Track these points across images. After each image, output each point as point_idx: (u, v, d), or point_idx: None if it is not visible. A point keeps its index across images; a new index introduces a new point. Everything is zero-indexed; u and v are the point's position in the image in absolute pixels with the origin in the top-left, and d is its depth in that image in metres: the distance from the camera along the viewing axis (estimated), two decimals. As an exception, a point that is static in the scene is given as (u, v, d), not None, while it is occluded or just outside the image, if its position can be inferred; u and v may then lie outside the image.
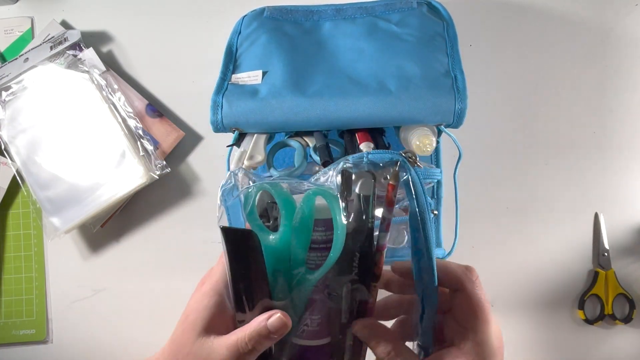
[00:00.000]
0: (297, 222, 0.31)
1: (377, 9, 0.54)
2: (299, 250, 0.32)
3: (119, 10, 0.66)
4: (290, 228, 0.32)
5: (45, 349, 0.62)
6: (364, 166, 0.32)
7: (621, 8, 0.62)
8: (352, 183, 0.32)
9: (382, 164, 0.32)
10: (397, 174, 0.32)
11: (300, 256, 0.32)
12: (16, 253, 0.63)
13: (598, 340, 0.57)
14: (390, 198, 0.32)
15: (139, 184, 0.58)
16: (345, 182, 0.32)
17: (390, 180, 0.32)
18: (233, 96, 0.47)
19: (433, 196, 0.56)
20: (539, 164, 0.60)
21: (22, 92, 0.62)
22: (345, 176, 0.32)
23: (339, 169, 0.32)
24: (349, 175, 0.32)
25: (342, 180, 0.32)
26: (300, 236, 0.31)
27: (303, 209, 0.31)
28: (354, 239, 0.32)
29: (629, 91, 0.60)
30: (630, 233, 0.59)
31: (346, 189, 0.32)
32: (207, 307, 0.33)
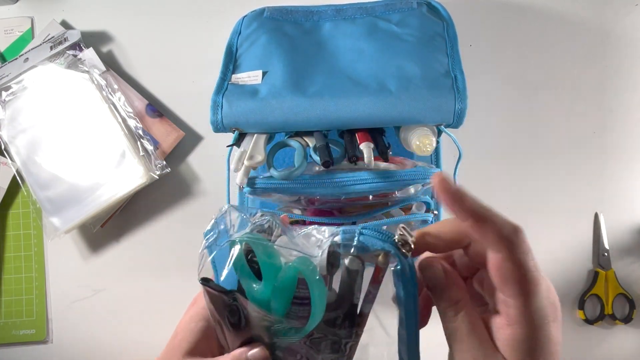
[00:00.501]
0: (277, 286, 0.31)
1: (377, 9, 0.54)
2: (279, 310, 0.31)
3: (119, 10, 0.66)
4: (270, 289, 0.31)
5: (45, 349, 0.62)
6: (353, 249, 0.30)
7: (621, 8, 0.62)
8: (338, 263, 0.31)
9: (372, 249, 0.30)
10: (387, 261, 0.31)
11: (279, 313, 0.31)
12: (16, 253, 0.63)
13: (598, 340, 0.57)
14: (377, 277, 0.32)
15: (139, 184, 0.58)
16: (331, 262, 0.31)
17: (378, 264, 0.31)
18: (233, 96, 0.47)
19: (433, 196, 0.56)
20: (539, 163, 0.60)
21: (22, 92, 0.62)
22: (331, 256, 0.31)
23: (326, 246, 0.31)
24: (335, 255, 0.31)
25: (327, 260, 0.31)
26: (279, 300, 0.31)
27: (284, 278, 0.30)
28: (337, 306, 0.32)
29: (629, 91, 0.60)
30: (630, 233, 0.59)
31: (331, 269, 0.31)
32: (193, 331, 0.34)
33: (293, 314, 0.31)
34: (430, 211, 0.51)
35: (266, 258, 0.31)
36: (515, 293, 0.27)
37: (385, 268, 0.31)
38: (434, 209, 0.52)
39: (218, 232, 0.33)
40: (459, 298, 0.30)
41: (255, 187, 0.46)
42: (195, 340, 0.33)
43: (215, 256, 0.32)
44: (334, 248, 0.30)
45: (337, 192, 0.46)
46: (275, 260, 0.31)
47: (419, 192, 0.49)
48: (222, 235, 0.33)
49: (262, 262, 0.31)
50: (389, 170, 0.45)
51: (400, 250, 0.30)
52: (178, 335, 0.34)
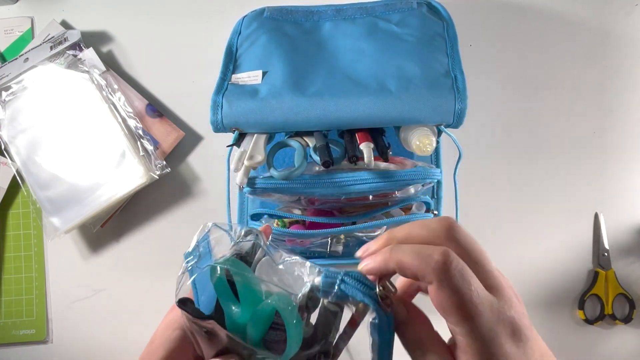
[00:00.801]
0: (254, 317, 0.31)
1: (377, 9, 0.54)
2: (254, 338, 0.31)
3: (119, 10, 0.66)
4: (248, 316, 0.31)
5: (45, 349, 0.62)
6: (333, 296, 0.30)
7: (621, 8, 0.62)
8: (317, 305, 0.31)
9: (351, 299, 0.30)
10: (365, 312, 0.30)
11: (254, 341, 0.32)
12: (16, 253, 0.63)
13: (598, 340, 0.57)
14: (354, 322, 0.32)
15: (139, 184, 0.58)
16: (309, 305, 0.31)
17: (357, 311, 0.31)
18: (233, 96, 0.47)
19: (433, 196, 0.56)
20: (539, 163, 0.60)
21: (22, 92, 0.62)
22: (309, 300, 0.31)
23: (306, 289, 0.31)
24: (314, 300, 0.31)
25: (305, 302, 0.31)
26: (255, 330, 0.31)
27: (261, 312, 0.31)
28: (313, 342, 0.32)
29: (629, 91, 0.60)
30: (630, 233, 0.59)
31: (308, 309, 0.31)
32: (169, 338, 0.34)
33: (268, 342, 0.32)
34: (430, 211, 0.51)
35: (245, 288, 0.31)
36: (457, 320, 0.26)
37: (362, 317, 0.30)
38: (433, 209, 0.52)
39: (199, 255, 0.33)
40: (422, 337, 0.29)
41: (255, 187, 0.46)
42: (171, 348, 0.33)
43: (196, 278, 0.32)
44: (314, 293, 0.30)
45: (337, 192, 0.46)
46: (255, 292, 0.31)
47: (419, 192, 0.49)
48: (204, 257, 0.33)
49: (241, 292, 0.31)
50: (389, 170, 0.45)
51: (381, 304, 0.29)
52: (155, 342, 0.34)
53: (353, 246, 0.53)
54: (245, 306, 0.31)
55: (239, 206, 0.58)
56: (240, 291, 0.31)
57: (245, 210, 0.58)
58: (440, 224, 0.28)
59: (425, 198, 0.50)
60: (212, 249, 0.34)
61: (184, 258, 0.33)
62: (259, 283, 0.31)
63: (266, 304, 0.30)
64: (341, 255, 0.52)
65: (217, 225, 0.35)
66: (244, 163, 0.45)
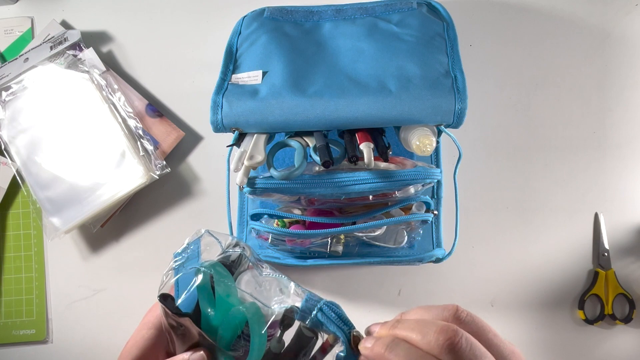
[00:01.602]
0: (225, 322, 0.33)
1: (377, 9, 0.54)
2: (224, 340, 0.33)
3: (119, 10, 0.66)
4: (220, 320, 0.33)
5: (45, 349, 0.62)
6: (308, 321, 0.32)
7: (621, 8, 0.62)
8: (291, 324, 0.33)
9: (324, 328, 0.32)
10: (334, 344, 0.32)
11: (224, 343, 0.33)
12: (16, 253, 0.63)
13: (598, 340, 0.57)
14: (325, 349, 0.33)
15: (139, 184, 0.58)
16: (284, 323, 0.33)
17: (328, 340, 0.33)
18: (233, 96, 0.47)
19: (433, 196, 0.56)
20: (539, 163, 0.60)
21: (22, 92, 0.62)
22: (285, 318, 0.32)
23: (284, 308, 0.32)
24: (289, 320, 0.33)
25: (281, 320, 0.32)
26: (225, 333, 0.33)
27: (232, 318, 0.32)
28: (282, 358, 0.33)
29: (629, 91, 0.60)
30: (630, 233, 0.59)
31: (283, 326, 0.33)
32: (143, 338, 0.36)
33: (236, 347, 0.33)
34: (430, 211, 0.51)
35: (223, 294, 0.33)
36: None
37: (332, 348, 0.32)
38: (434, 209, 0.52)
39: (187, 257, 0.35)
40: None
41: (255, 187, 0.46)
42: (144, 347, 0.36)
43: (179, 277, 0.34)
44: (291, 314, 0.32)
45: (337, 192, 0.46)
46: (231, 298, 0.33)
47: (419, 192, 0.49)
48: (192, 259, 0.35)
49: (218, 297, 0.33)
50: (389, 170, 0.45)
51: (351, 343, 0.31)
52: (130, 341, 0.36)
53: (353, 246, 0.53)
54: (219, 310, 0.33)
55: (239, 206, 0.58)
56: (217, 295, 0.32)
57: (245, 210, 0.58)
58: (446, 309, 0.29)
59: (425, 198, 0.50)
60: (200, 253, 0.35)
61: (172, 257, 0.35)
62: (237, 291, 0.33)
63: (237, 310, 0.32)
64: (341, 255, 0.52)
65: (210, 232, 0.36)
66: (244, 163, 0.45)
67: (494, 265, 0.59)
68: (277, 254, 0.55)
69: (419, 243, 0.55)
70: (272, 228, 0.51)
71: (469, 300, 0.58)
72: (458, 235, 0.52)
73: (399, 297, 0.59)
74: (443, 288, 0.59)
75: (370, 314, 0.59)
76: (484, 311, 0.58)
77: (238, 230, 0.58)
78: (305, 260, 0.53)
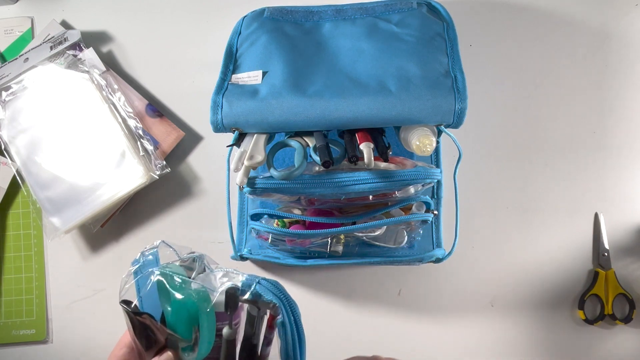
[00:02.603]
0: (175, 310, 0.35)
1: (377, 9, 0.54)
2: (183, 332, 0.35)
3: (119, 10, 0.66)
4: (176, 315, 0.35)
5: (45, 349, 0.62)
6: (249, 294, 0.34)
7: (621, 8, 0.62)
8: (236, 304, 0.35)
9: (264, 298, 0.34)
10: (276, 312, 0.35)
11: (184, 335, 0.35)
12: (16, 253, 0.63)
13: (598, 340, 0.57)
14: (271, 324, 0.36)
15: (139, 184, 0.58)
16: (230, 300, 0.35)
17: (271, 312, 0.35)
18: (233, 96, 0.47)
19: (433, 196, 0.56)
20: (539, 163, 0.60)
21: (22, 92, 0.62)
22: (229, 297, 0.34)
23: (225, 287, 0.35)
24: (233, 297, 0.35)
25: (225, 300, 0.34)
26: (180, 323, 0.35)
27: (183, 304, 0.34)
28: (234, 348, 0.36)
29: (629, 91, 0.60)
30: (630, 233, 0.59)
31: (230, 306, 0.35)
32: (117, 356, 0.39)
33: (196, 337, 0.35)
34: (430, 211, 0.51)
35: (174, 286, 0.35)
36: None
37: (276, 317, 0.35)
38: (434, 209, 0.52)
39: (144, 262, 0.37)
40: None
41: (255, 187, 0.46)
42: None
43: (139, 280, 0.36)
44: (233, 290, 0.34)
45: (337, 192, 0.46)
46: (184, 291, 0.35)
47: (419, 192, 0.49)
48: (150, 264, 0.37)
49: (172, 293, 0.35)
50: (389, 170, 0.45)
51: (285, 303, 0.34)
52: None
53: (353, 246, 0.53)
54: (174, 305, 0.35)
55: (239, 206, 0.58)
56: (172, 292, 0.35)
57: (245, 210, 0.58)
58: None
59: (425, 198, 0.50)
60: (159, 260, 0.38)
61: (131, 265, 0.37)
62: (190, 285, 0.35)
63: (187, 298, 0.34)
64: (341, 255, 0.52)
65: (166, 243, 0.39)
66: (244, 163, 0.45)
67: (494, 265, 0.59)
68: (277, 254, 0.55)
69: (419, 243, 0.55)
70: (272, 228, 0.51)
71: (469, 300, 0.58)
72: (458, 235, 0.52)
73: (399, 297, 0.59)
74: (443, 288, 0.59)
75: (370, 314, 0.59)
76: (484, 311, 0.58)
77: (238, 230, 0.58)
78: (305, 260, 0.53)
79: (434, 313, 0.59)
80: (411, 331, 0.58)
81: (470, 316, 0.58)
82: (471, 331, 0.58)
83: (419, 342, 0.58)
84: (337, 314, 0.59)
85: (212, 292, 0.35)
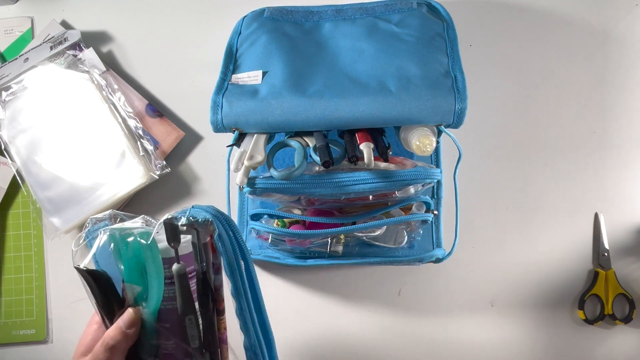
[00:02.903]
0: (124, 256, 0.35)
1: (377, 9, 0.54)
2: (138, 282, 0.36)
3: (119, 10, 0.66)
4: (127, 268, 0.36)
5: (45, 349, 0.62)
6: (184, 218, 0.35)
7: (621, 8, 0.62)
8: (177, 236, 0.35)
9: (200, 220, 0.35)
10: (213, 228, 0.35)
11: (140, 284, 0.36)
12: (16, 253, 0.63)
13: (598, 340, 0.57)
14: (212, 245, 0.36)
15: (139, 184, 0.58)
16: (170, 232, 0.35)
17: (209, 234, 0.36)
18: (233, 96, 0.47)
19: (433, 196, 0.56)
20: (539, 164, 0.60)
21: (22, 92, 0.62)
22: (168, 227, 0.35)
23: (162, 219, 0.35)
24: (173, 226, 0.35)
25: (166, 231, 0.35)
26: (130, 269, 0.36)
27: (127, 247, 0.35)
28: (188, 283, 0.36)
29: (629, 91, 0.60)
30: (630, 233, 0.59)
31: (172, 239, 0.35)
32: (86, 334, 0.40)
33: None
34: (430, 211, 0.51)
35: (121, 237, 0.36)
36: None
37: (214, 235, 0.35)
38: (434, 209, 0.52)
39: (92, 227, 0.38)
40: None
41: (255, 187, 0.46)
42: (87, 341, 0.39)
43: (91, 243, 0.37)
44: (169, 220, 0.35)
45: (337, 192, 0.46)
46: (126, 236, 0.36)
47: (419, 192, 0.49)
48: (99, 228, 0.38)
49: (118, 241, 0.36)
50: (389, 170, 0.45)
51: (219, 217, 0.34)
52: (79, 340, 0.40)
53: (353, 246, 0.53)
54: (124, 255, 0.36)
55: (239, 206, 0.58)
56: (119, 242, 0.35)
57: (245, 210, 0.58)
58: None
59: (425, 198, 0.50)
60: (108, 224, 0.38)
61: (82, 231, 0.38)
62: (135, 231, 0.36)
63: (133, 241, 0.35)
64: (341, 255, 0.52)
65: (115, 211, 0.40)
66: (244, 163, 0.45)
67: (494, 265, 0.59)
68: (277, 254, 0.55)
69: (419, 243, 0.55)
70: (272, 228, 0.51)
71: (469, 300, 0.58)
72: (458, 235, 0.52)
73: (399, 297, 0.59)
74: (443, 288, 0.59)
75: (371, 314, 0.59)
76: (484, 311, 0.58)
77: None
78: (305, 260, 0.53)
79: (434, 313, 0.59)
80: (411, 331, 0.58)
81: (470, 316, 0.58)
82: (471, 331, 0.58)
83: (419, 342, 0.58)
84: (337, 314, 0.59)
85: (153, 229, 0.35)
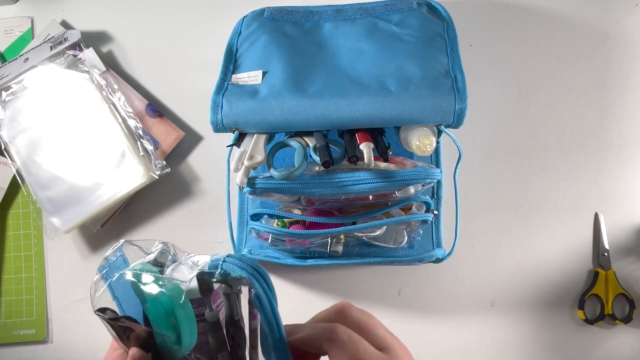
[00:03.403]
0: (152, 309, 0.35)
1: (377, 9, 0.54)
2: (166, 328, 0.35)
3: (119, 10, 0.66)
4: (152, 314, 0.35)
5: (45, 349, 0.62)
6: (217, 275, 0.34)
7: (621, 8, 0.62)
8: (210, 287, 0.35)
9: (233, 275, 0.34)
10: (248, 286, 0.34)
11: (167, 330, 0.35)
12: (16, 253, 0.63)
13: (598, 340, 0.57)
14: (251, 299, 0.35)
15: (139, 184, 0.58)
16: (202, 285, 0.34)
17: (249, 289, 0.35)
18: (233, 96, 0.47)
19: (433, 196, 0.56)
20: (539, 163, 0.60)
21: (22, 92, 0.62)
22: (201, 282, 0.34)
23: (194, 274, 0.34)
24: (205, 281, 0.34)
25: (199, 286, 0.34)
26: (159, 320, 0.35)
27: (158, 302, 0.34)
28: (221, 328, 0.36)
29: (629, 91, 0.60)
30: (630, 233, 0.59)
31: (204, 291, 0.35)
32: (108, 358, 0.39)
33: None
34: (430, 211, 0.51)
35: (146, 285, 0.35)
36: None
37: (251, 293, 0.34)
38: (434, 208, 0.52)
39: (111, 266, 0.37)
40: None
41: (255, 187, 0.46)
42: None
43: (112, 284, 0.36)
44: (202, 276, 0.34)
45: (337, 192, 0.46)
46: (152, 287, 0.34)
47: (419, 192, 0.49)
48: (120, 267, 0.37)
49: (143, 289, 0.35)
50: (389, 170, 0.45)
51: (254, 275, 0.34)
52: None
53: (353, 246, 0.53)
54: (149, 301, 0.34)
55: (239, 206, 0.58)
56: (145, 291, 0.34)
57: (245, 210, 0.58)
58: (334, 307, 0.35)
59: (425, 198, 0.50)
60: (126, 259, 0.37)
61: (97, 271, 0.37)
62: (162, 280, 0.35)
63: (159, 293, 0.34)
64: (341, 255, 0.52)
65: (130, 242, 0.38)
66: (244, 163, 0.45)
67: (494, 265, 0.59)
68: (277, 254, 0.55)
69: (419, 243, 0.55)
70: (272, 228, 0.51)
71: (469, 300, 0.58)
72: (458, 235, 0.52)
73: (399, 297, 0.59)
74: (443, 288, 0.59)
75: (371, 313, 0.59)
76: (484, 311, 0.58)
77: (238, 230, 0.58)
78: (305, 260, 0.53)
79: (434, 313, 0.59)
80: (411, 331, 0.58)
81: (470, 316, 0.58)
82: (471, 331, 0.58)
83: (419, 342, 0.58)
84: (337, 314, 0.59)
85: (184, 282, 0.35)
